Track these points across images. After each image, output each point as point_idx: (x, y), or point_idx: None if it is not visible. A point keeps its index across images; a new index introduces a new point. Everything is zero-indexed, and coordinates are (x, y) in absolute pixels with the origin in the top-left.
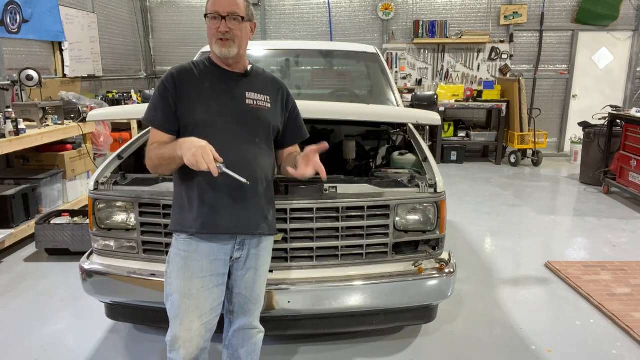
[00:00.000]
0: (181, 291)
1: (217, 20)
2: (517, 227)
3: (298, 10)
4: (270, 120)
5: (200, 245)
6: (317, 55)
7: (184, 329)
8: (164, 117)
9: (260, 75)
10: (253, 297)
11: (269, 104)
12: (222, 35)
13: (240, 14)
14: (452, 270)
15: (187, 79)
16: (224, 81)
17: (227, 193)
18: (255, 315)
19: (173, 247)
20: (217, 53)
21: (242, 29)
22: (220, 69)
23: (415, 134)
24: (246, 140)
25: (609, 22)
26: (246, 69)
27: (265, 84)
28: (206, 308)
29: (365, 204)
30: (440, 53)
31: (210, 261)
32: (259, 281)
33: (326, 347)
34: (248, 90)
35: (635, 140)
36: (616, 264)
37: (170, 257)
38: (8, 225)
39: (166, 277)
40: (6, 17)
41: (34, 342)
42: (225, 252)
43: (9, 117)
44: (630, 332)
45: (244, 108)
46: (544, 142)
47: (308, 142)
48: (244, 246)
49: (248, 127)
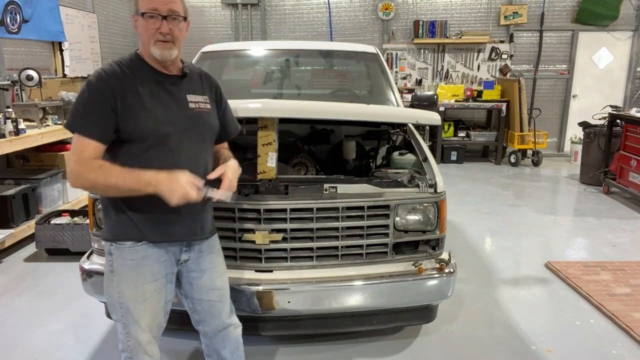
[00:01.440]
0: (135, 299)
1: (157, 19)
2: (517, 227)
3: (298, 10)
4: (213, 122)
5: (149, 250)
6: (317, 55)
7: (144, 332)
8: (102, 128)
9: (194, 73)
10: (217, 296)
11: (208, 104)
12: (163, 37)
13: (180, 13)
14: (452, 270)
15: (123, 84)
16: (163, 85)
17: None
18: (226, 313)
19: (115, 257)
20: (158, 56)
21: (182, 29)
22: (157, 71)
23: (415, 134)
24: (197, 146)
25: (609, 22)
26: (182, 69)
27: (201, 82)
28: (159, 309)
29: (365, 204)
30: (440, 53)
31: (159, 263)
32: (218, 279)
33: (326, 347)
34: (188, 93)
35: (635, 140)
36: (616, 264)
37: (114, 268)
38: (8, 225)
39: (111, 289)
40: (6, 17)
41: (34, 342)
42: (174, 252)
43: (9, 117)
44: (630, 332)
45: (189, 113)
46: (544, 142)
47: (308, 142)
48: (192, 248)
49: (196, 133)
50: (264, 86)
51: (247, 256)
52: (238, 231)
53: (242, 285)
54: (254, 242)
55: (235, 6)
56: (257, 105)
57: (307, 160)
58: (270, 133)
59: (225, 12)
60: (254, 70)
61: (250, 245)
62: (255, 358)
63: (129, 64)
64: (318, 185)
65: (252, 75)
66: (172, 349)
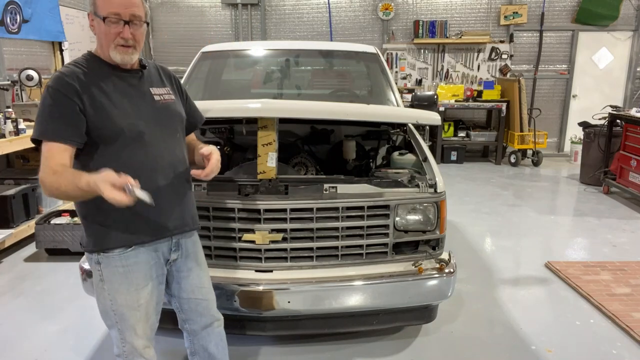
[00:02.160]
0: (129, 306)
1: (118, 24)
2: (517, 227)
3: (298, 10)
4: (180, 111)
5: (139, 255)
6: (317, 55)
7: (140, 337)
8: (69, 129)
9: (151, 67)
10: (204, 294)
11: (172, 95)
12: (125, 42)
13: (142, 17)
14: (452, 270)
15: (85, 83)
16: (125, 80)
17: (161, 195)
18: (213, 310)
19: (104, 266)
20: (118, 60)
21: (143, 32)
22: (115, 67)
23: (415, 134)
24: (170, 137)
25: (609, 22)
26: (140, 64)
27: (159, 75)
28: (152, 313)
29: (365, 204)
30: (440, 53)
31: (150, 267)
32: (204, 277)
33: (326, 347)
34: (151, 87)
35: (635, 140)
36: (616, 264)
37: (104, 277)
38: (8, 225)
39: (102, 297)
40: (6, 17)
41: (34, 342)
42: (164, 252)
43: (9, 117)
44: (630, 332)
45: (156, 106)
46: (544, 142)
47: (308, 142)
48: (180, 247)
49: (167, 125)
50: (264, 86)
51: (247, 256)
52: (238, 231)
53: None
54: (254, 242)
55: (235, 6)
56: (257, 105)
57: (307, 160)
58: (270, 133)
59: (225, 12)
60: (254, 70)
61: (250, 245)
62: (255, 358)
63: (86, 64)
64: (318, 185)
65: (252, 75)
66: (171, 349)
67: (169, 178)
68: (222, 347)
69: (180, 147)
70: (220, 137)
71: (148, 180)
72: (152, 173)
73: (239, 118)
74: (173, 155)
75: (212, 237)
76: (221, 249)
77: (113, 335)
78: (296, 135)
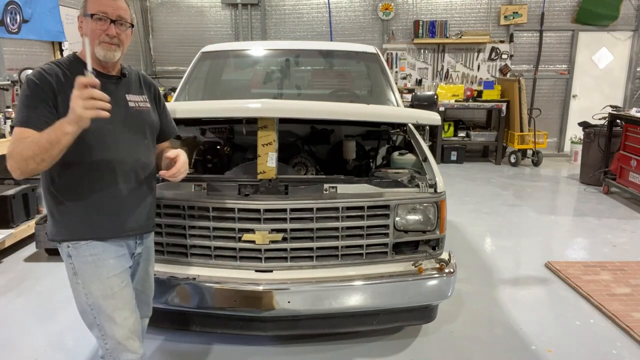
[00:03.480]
0: (104, 295)
1: (104, 22)
2: (517, 227)
3: (298, 10)
4: (152, 118)
5: (105, 245)
6: (317, 55)
7: (120, 327)
8: (42, 118)
9: (133, 75)
10: (145, 288)
11: (147, 103)
12: (110, 40)
13: (128, 20)
14: (452, 270)
15: (63, 83)
16: (103, 84)
17: (121, 197)
18: (149, 304)
19: (75, 258)
20: (101, 56)
21: (128, 35)
22: (96, 71)
23: (415, 134)
24: (137, 143)
25: (609, 22)
26: (121, 71)
27: (139, 83)
28: (132, 302)
29: (365, 204)
30: (440, 53)
31: (117, 258)
32: (151, 271)
33: (326, 347)
34: (127, 93)
35: (635, 140)
36: (616, 264)
37: (77, 270)
38: (8, 225)
39: (78, 292)
40: (6, 17)
41: (34, 342)
42: (130, 246)
43: (9, 117)
44: (630, 332)
45: (129, 111)
46: (544, 142)
47: (308, 142)
48: (143, 241)
49: (135, 131)
50: (264, 86)
51: (247, 256)
52: (238, 231)
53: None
54: (254, 242)
55: (235, 6)
56: (257, 105)
57: (307, 160)
58: (270, 133)
59: (225, 12)
60: (254, 70)
61: (250, 245)
62: (255, 358)
63: (68, 65)
64: (318, 185)
65: (252, 75)
66: (172, 349)
67: (131, 181)
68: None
69: (147, 154)
70: (220, 137)
71: (109, 181)
72: (114, 175)
73: (239, 118)
74: (137, 161)
75: (212, 237)
76: (221, 249)
77: (95, 336)
78: (296, 135)
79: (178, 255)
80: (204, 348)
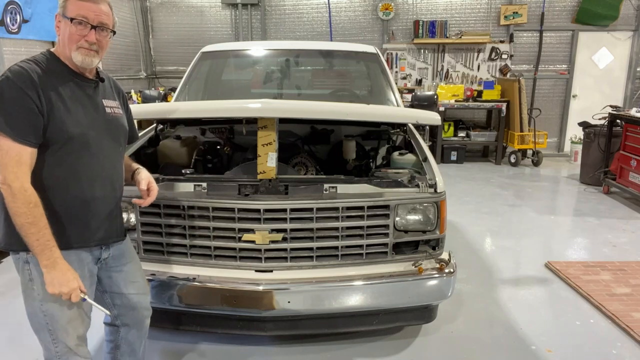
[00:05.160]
0: (60, 304)
1: (85, 27)
2: (517, 227)
3: (298, 10)
4: (125, 126)
5: (69, 253)
6: (317, 55)
7: (72, 338)
8: (35, 130)
9: (105, 79)
10: (137, 289)
11: (120, 109)
12: (89, 46)
13: (109, 26)
14: (452, 270)
15: (46, 84)
16: (82, 88)
17: (95, 205)
18: (145, 304)
19: (33, 265)
20: (79, 62)
21: (108, 40)
22: (75, 73)
23: (415, 134)
24: (114, 151)
25: (609, 22)
26: (97, 74)
27: (111, 88)
28: (85, 313)
29: (365, 204)
30: (440, 53)
31: (82, 266)
32: (137, 271)
33: (326, 347)
34: (104, 98)
35: (635, 140)
36: (616, 264)
37: (34, 276)
38: None
39: (31, 298)
40: (6, 17)
41: (34, 342)
42: (94, 253)
43: None
44: (630, 332)
45: (107, 117)
46: (544, 142)
47: (308, 142)
48: (110, 246)
49: (113, 137)
50: (264, 86)
51: (247, 256)
52: (238, 231)
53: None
54: (254, 242)
55: (235, 6)
56: (257, 105)
57: (307, 160)
58: (270, 133)
59: (225, 12)
60: (254, 70)
61: (250, 245)
62: (255, 358)
63: (47, 64)
64: (318, 185)
65: (252, 75)
66: (172, 349)
67: (106, 190)
68: (145, 342)
69: (121, 162)
70: (220, 137)
71: (87, 188)
72: (92, 182)
73: (239, 118)
74: (114, 169)
75: (212, 237)
76: (221, 249)
77: (42, 339)
78: (296, 135)
79: (178, 255)
80: (203, 348)
